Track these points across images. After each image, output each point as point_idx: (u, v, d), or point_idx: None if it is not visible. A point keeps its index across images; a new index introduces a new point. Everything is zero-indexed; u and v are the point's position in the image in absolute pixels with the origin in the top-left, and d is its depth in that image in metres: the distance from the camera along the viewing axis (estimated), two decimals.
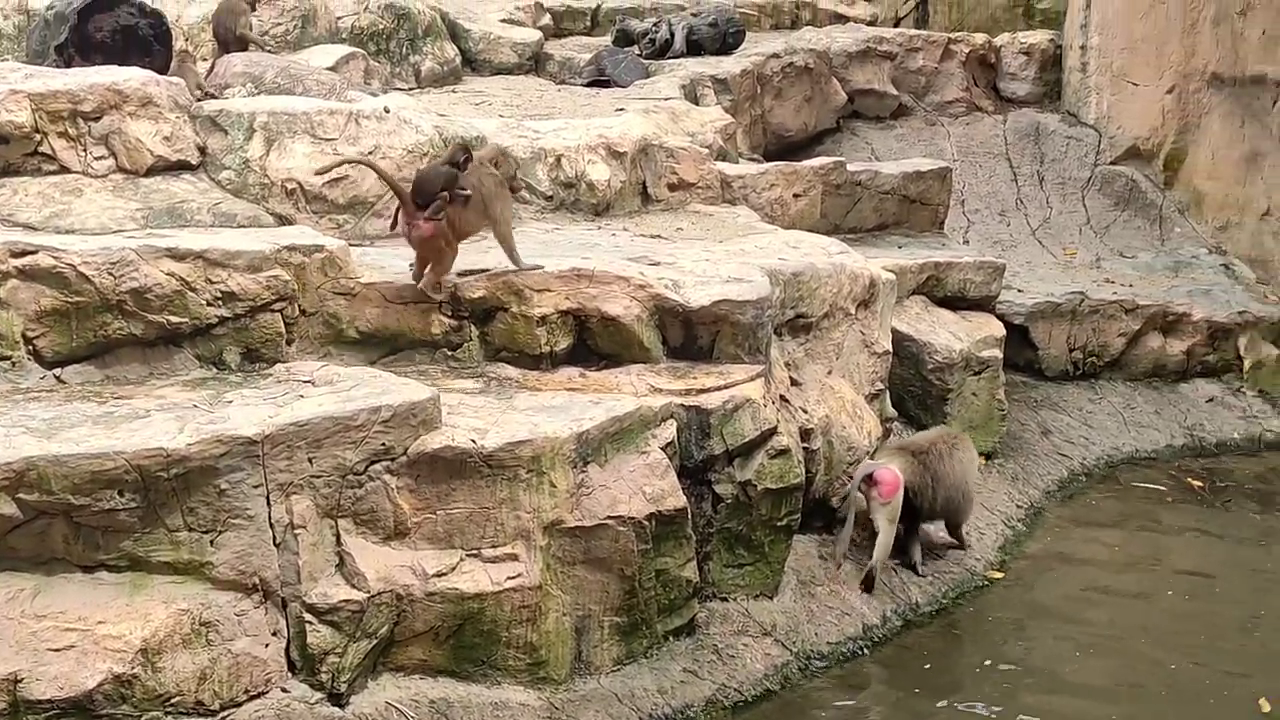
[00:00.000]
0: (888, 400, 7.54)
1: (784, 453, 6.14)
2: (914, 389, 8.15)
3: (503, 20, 11.48)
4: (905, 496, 6.68)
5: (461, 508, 5.30)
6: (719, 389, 6.05)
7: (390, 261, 6.31)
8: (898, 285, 8.21)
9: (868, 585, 6.56)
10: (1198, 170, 10.75)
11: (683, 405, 5.94)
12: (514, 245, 6.11)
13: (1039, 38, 12.27)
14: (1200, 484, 8.44)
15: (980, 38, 12.24)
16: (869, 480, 6.59)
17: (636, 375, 6.06)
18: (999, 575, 7.11)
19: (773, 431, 6.12)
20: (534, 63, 10.98)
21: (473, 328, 6.09)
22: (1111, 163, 11.34)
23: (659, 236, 7.39)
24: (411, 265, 6.01)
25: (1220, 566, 7.34)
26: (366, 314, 5.99)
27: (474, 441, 5.27)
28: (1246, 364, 9.55)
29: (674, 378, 6.09)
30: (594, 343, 6.18)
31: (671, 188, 8.20)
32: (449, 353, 6.09)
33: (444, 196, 5.85)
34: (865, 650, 6.27)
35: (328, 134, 6.97)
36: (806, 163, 8.88)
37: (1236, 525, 7.94)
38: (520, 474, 5.32)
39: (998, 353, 8.24)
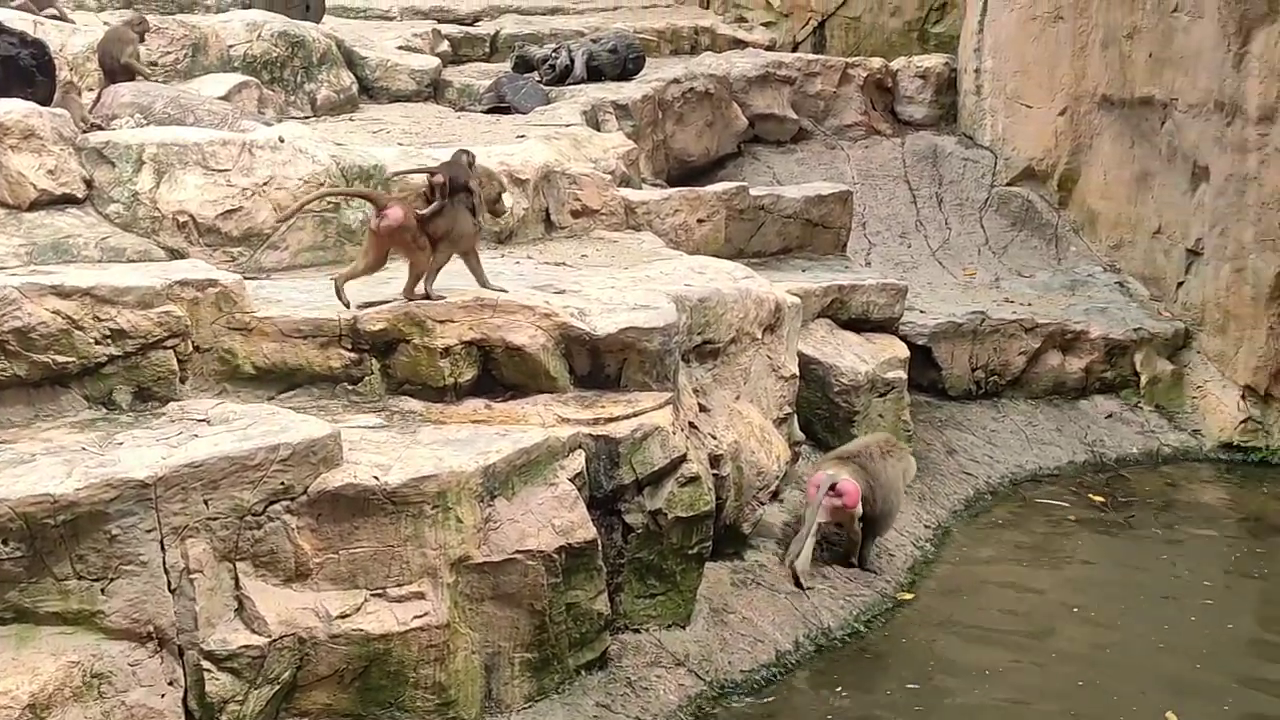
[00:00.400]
0: (796, 424, 7.53)
1: (694, 480, 6.09)
2: (821, 412, 8.15)
3: (400, 47, 11.36)
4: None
5: (365, 546, 5.16)
6: (627, 417, 5.98)
7: (287, 294, 6.17)
8: (803, 309, 8.22)
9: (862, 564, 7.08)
10: (1091, 190, 10.92)
11: (591, 435, 5.86)
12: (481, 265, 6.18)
13: (934, 61, 12.43)
14: (1102, 499, 8.54)
15: (877, 62, 12.36)
16: (834, 490, 6.82)
17: (544, 406, 5.97)
18: (909, 597, 7.11)
19: (682, 459, 6.06)
20: (432, 90, 10.86)
21: (374, 361, 5.96)
22: (1008, 184, 11.50)
23: (564, 264, 7.32)
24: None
25: (1126, 581, 7.42)
26: (263, 349, 5.83)
27: (377, 478, 5.14)
28: (1143, 380, 9.70)
29: (582, 407, 6.01)
30: (500, 373, 6.07)
31: (575, 214, 8.14)
32: (350, 387, 5.95)
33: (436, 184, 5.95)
34: (779, 676, 6.23)
35: (220, 165, 6.80)
36: (710, 188, 8.86)
37: (1139, 539, 8.04)
38: (425, 510, 5.20)
39: (902, 374, 8.28)
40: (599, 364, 6.14)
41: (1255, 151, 9.09)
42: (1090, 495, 8.60)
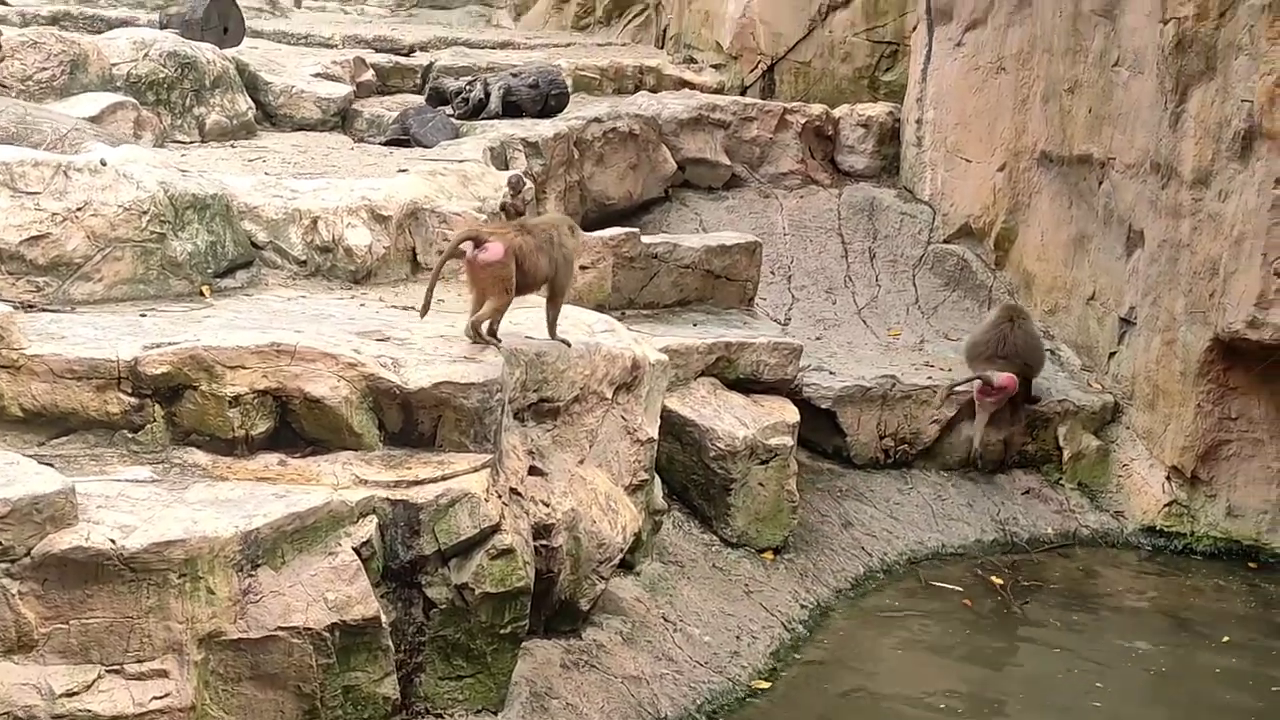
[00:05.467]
0: (657, 490, 6.97)
1: (507, 553, 5.52)
2: (697, 477, 7.60)
3: (316, 75, 10.89)
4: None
5: (100, 617, 4.61)
6: (435, 481, 5.43)
7: (75, 330, 5.65)
8: (684, 367, 7.72)
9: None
10: (1028, 251, 10.38)
11: (389, 499, 5.31)
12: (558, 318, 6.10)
13: (878, 110, 11.94)
14: (1002, 582, 7.95)
15: (817, 108, 11.87)
16: (990, 385, 8.45)
17: (342, 464, 5.43)
18: (766, 685, 6.54)
19: (495, 529, 5.50)
20: (340, 119, 10.39)
21: (157, 407, 5.41)
22: (944, 241, 10.98)
23: (412, 308, 6.77)
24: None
25: (1008, 675, 6.86)
26: (32, 389, 5.29)
27: (113, 542, 4.59)
28: (1065, 455, 9.11)
29: (386, 467, 5.47)
30: (299, 426, 5.54)
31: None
32: (130, 435, 5.40)
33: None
34: None
35: (30, 187, 6.27)
36: (596, 233, 8.34)
37: (1035, 630, 7.46)
38: (170, 579, 4.65)
39: (789, 440, 7.71)
40: (412, 420, 5.60)
41: (1189, 217, 8.54)
42: (991, 578, 8.01)
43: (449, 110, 10.49)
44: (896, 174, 11.77)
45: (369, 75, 11.69)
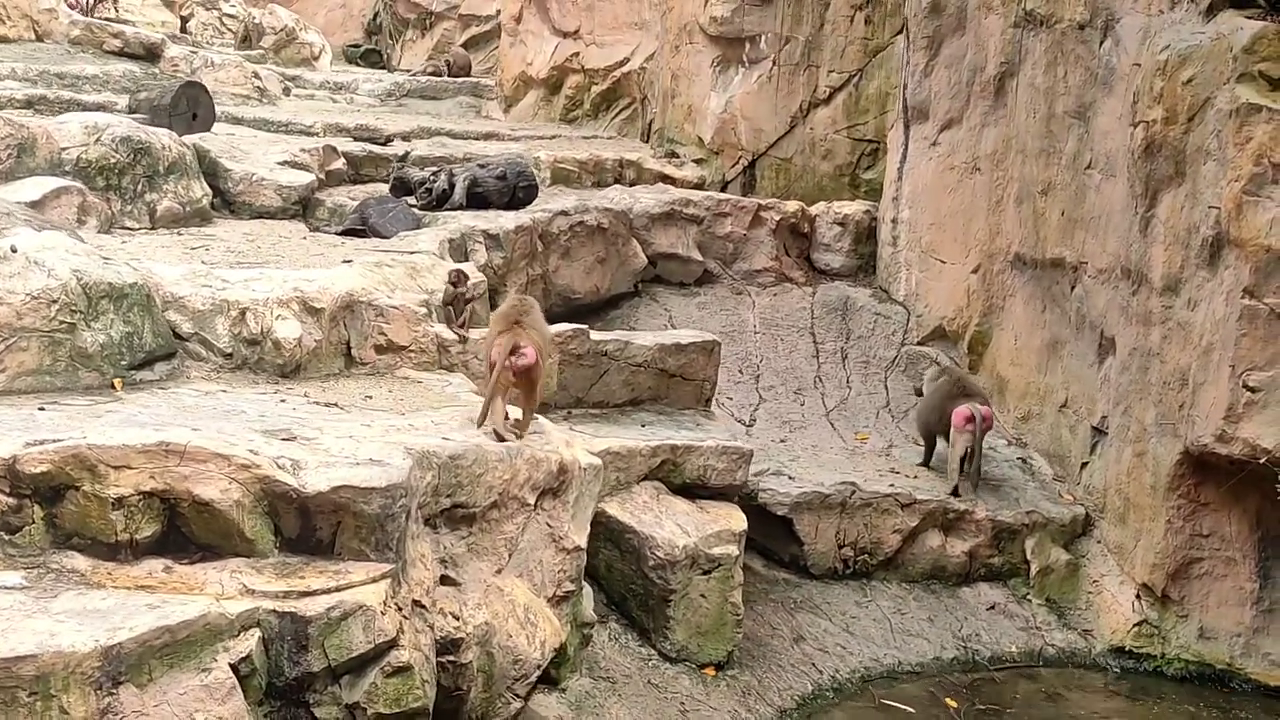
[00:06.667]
0: (586, 602, 6.63)
1: (403, 670, 5.19)
2: (635, 587, 7.27)
3: (282, 163, 10.71)
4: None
5: None
6: (328, 592, 5.12)
7: None
8: (626, 470, 7.42)
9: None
10: (1001, 355, 10.10)
11: (276, 611, 5.00)
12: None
13: (854, 208, 11.76)
14: (956, 705, 7.56)
15: (793, 205, 11.69)
16: (974, 418, 8.63)
17: (231, 572, 5.12)
18: None
19: (391, 644, 5.18)
20: (302, 208, 10.19)
21: (37, 508, 5.12)
22: (918, 343, 10.72)
23: (334, 405, 6.51)
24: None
25: None
26: None
27: None
28: (1033, 569, 8.74)
29: (277, 576, 5.16)
30: (189, 530, 5.24)
31: (379, 350, 7.37)
32: (7, 537, 5.11)
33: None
34: None
35: None
36: None
37: None
38: (20, 697, 4.34)
39: (733, 549, 7.37)
40: (310, 526, 5.30)
41: (1159, 325, 8.25)
42: (946, 699, 7.62)
43: (412, 201, 10.30)
44: (873, 273, 11.56)
45: (339, 164, 11.53)
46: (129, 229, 8.89)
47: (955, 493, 8.76)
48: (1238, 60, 7.64)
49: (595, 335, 8.10)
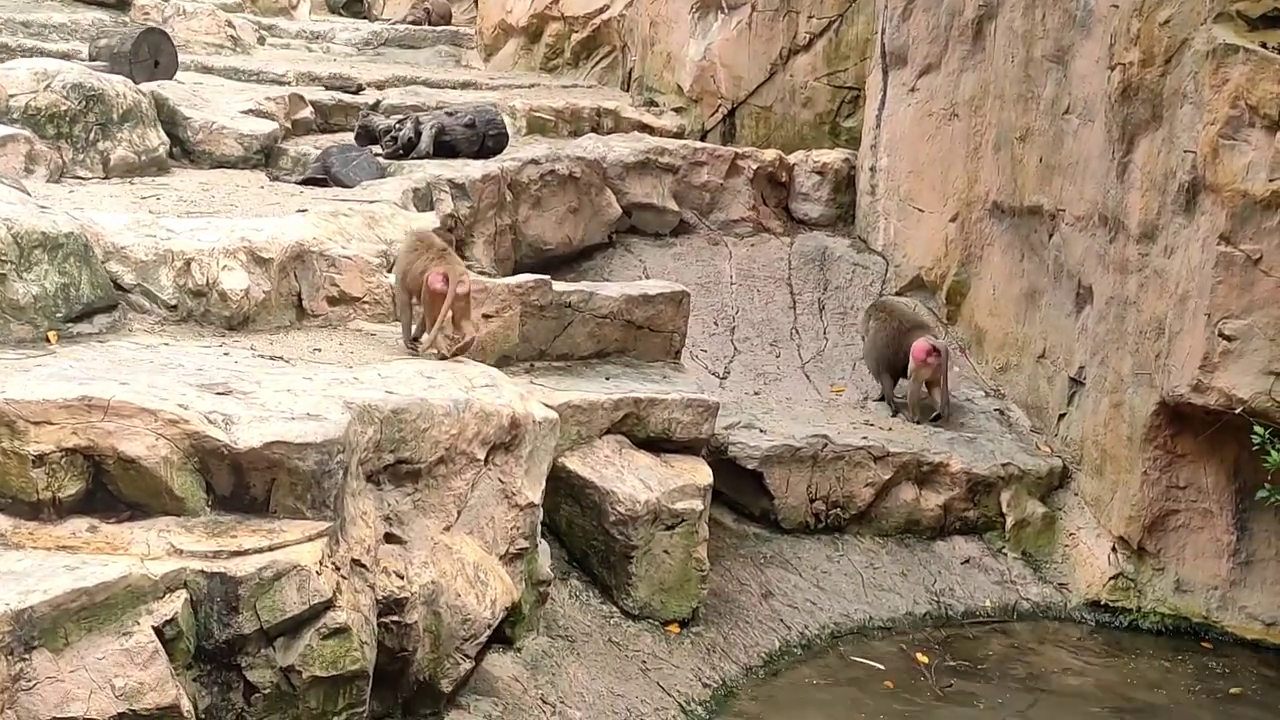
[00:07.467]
0: (542, 559, 6.44)
1: (340, 632, 5.02)
2: (596, 543, 7.11)
3: (246, 111, 10.46)
4: None
5: None
6: (259, 551, 4.94)
7: None
8: (587, 424, 7.24)
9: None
10: (979, 305, 9.89)
11: (203, 572, 4.82)
12: None
13: (833, 157, 11.49)
14: (927, 661, 7.41)
15: (771, 154, 11.43)
16: (935, 350, 8.82)
17: (158, 532, 4.94)
18: None
19: (327, 605, 5.00)
20: (264, 157, 9.95)
21: None
22: (896, 293, 10.49)
23: (280, 358, 6.32)
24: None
25: None
26: None
27: None
28: (1009, 522, 8.58)
29: (208, 536, 4.98)
30: (116, 489, 5.06)
31: (331, 301, 7.17)
32: None
33: None
34: None
35: None
36: (502, 280, 7.87)
37: (956, 712, 6.91)
38: None
39: (698, 504, 7.19)
40: (243, 484, 5.11)
41: (1135, 273, 8.05)
42: (916, 655, 7.47)
43: (377, 149, 10.06)
44: (852, 223, 11.32)
45: (306, 112, 11.27)
46: (81, 178, 8.66)
47: (916, 422, 8.96)
48: (1215, 0, 7.39)
49: (558, 286, 7.88)
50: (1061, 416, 8.93)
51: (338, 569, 5.14)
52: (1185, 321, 7.54)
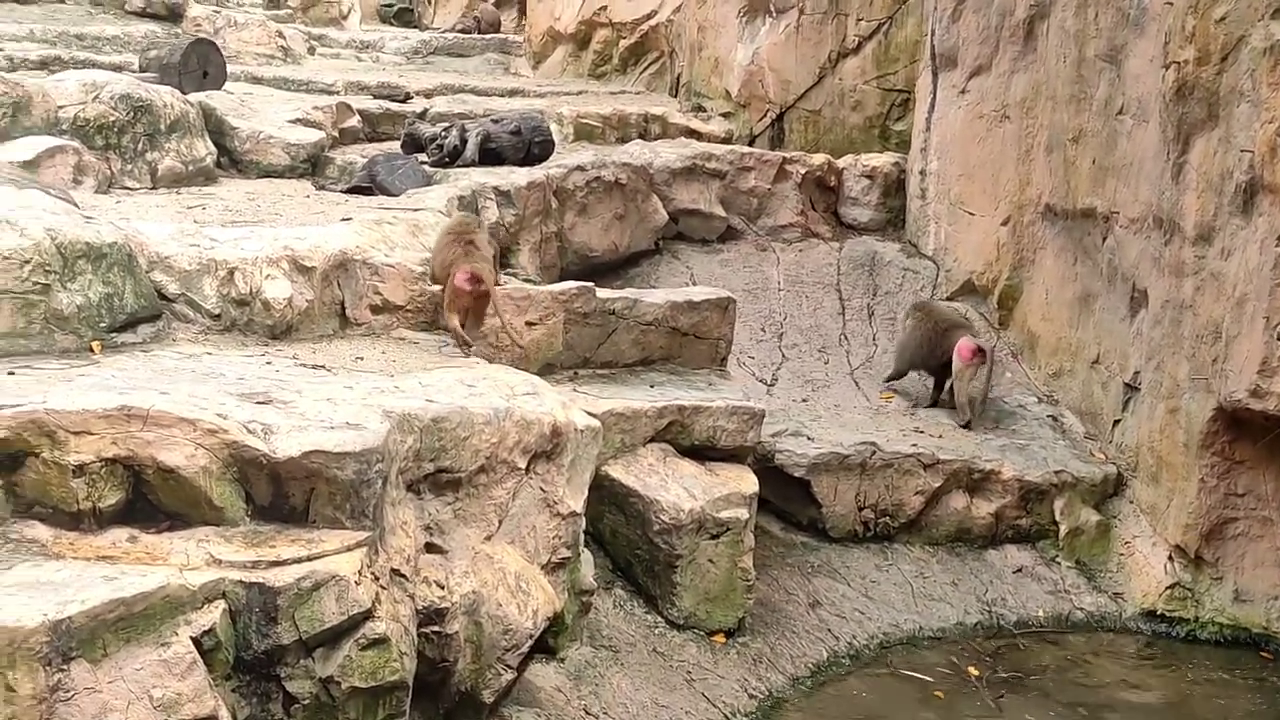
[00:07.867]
0: (585, 568, 6.38)
1: (380, 642, 4.97)
2: (640, 553, 7.03)
3: (294, 120, 10.51)
4: None
5: None
6: (298, 561, 4.90)
7: None
8: (631, 432, 7.18)
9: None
10: (1032, 310, 9.73)
11: (242, 582, 4.79)
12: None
13: (883, 160, 11.38)
14: (978, 672, 7.28)
15: (819, 158, 11.33)
16: (982, 350, 8.76)
17: (197, 541, 4.92)
18: None
19: (367, 615, 4.96)
20: (311, 166, 9.98)
21: None
22: (947, 298, 10.36)
23: (322, 367, 6.30)
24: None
25: None
26: None
27: None
28: (1062, 530, 8.42)
29: (247, 545, 4.95)
30: (155, 498, 5.05)
31: (375, 310, 7.15)
32: None
33: None
34: None
35: None
36: (545, 287, 7.81)
37: None
38: None
39: (743, 513, 7.10)
40: (282, 493, 5.09)
41: (1191, 276, 7.88)
42: (967, 667, 7.34)
43: (423, 157, 10.06)
44: (902, 227, 11.20)
45: (354, 121, 11.31)
46: (128, 189, 8.72)
47: (968, 426, 8.85)
48: None
49: (602, 293, 7.82)
50: (1116, 423, 8.76)
51: (377, 579, 5.09)
52: (1243, 325, 7.36)
